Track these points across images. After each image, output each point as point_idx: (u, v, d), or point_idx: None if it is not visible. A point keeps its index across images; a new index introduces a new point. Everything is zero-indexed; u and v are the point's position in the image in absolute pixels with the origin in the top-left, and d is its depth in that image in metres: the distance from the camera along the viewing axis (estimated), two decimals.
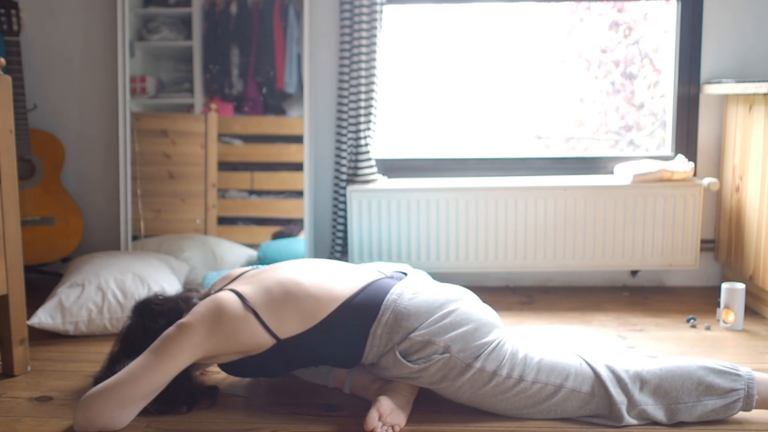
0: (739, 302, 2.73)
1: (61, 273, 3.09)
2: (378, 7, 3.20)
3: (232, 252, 3.31)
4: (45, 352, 2.52)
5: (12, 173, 2.23)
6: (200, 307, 1.94)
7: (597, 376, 1.92)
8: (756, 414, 1.96)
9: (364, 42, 3.21)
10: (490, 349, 1.94)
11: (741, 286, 2.75)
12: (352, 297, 2.00)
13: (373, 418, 1.88)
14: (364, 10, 3.18)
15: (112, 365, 1.97)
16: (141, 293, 2.70)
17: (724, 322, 2.74)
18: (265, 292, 1.98)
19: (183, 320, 1.91)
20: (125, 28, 3.28)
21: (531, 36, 3.60)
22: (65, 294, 2.67)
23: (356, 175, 3.28)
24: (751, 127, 2.96)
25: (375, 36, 3.21)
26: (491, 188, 3.19)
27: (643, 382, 1.92)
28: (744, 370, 1.94)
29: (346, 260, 3.31)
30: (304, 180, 3.29)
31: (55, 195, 3.29)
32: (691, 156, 3.35)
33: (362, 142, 3.26)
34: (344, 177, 3.29)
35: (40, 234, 3.22)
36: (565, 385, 1.93)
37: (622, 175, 3.26)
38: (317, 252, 3.42)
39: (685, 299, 3.14)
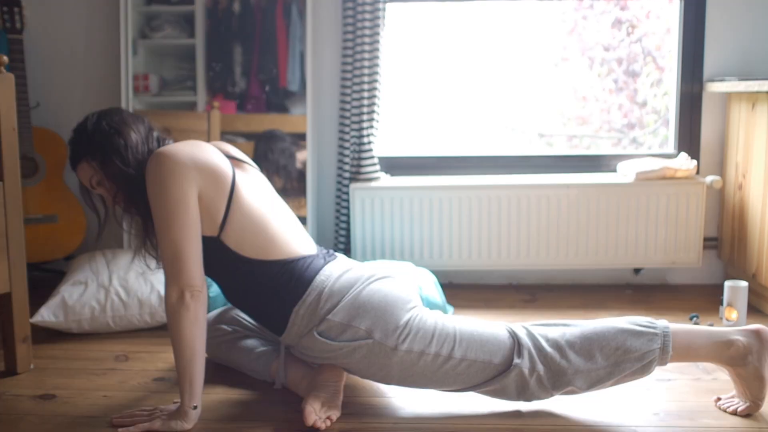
0: (742, 300, 2.73)
1: (64, 271, 3.09)
2: (381, 5, 3.20)
3: None
4: (48, 350, 2.52)
5: (15, 171, 2.23)
6: (193, 142, 1.99)
7: (521, 347, 1.91)
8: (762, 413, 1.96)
9: (366, 40, 3.20)
10: (413, 329, 1.93)
11: (744, 283, 2.75)
12: (295, 260, 2.01)
13: (309, 413, 1.90)
14: (367, 8, 3.18)
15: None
16: (143, 291, 2.70)
17: (727, 320, 2.74)
18: (251, 192, 2.02)
19: (168, 147, 1.95)
20: (128, 26, 3.28)
21: (533, 34, 3.60)
22: (68, 292, 2.67)
23: (359, 173, 3.28)
24: (754, 125, 2.96)
25: (378, 34, 3.21)
26: (494, 186, 3.19)
27: (563, 350, 1.91)
28: (661, 325, 1.93)
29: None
30: (307, 178, 3.29)
31: (58, 193, 3.29)
32: (694, 154, 3.34)
33: (365, 140, 3.25)
34: (347, 175, 3.28)
35: (43, 232, 3.22)
36: (494, 361, 1.91)
37: (625, 173, 3.26)
38: None
39: (688, 297, 3.14)
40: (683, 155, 3.24)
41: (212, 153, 1.99)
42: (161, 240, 1.89)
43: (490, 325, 1.99)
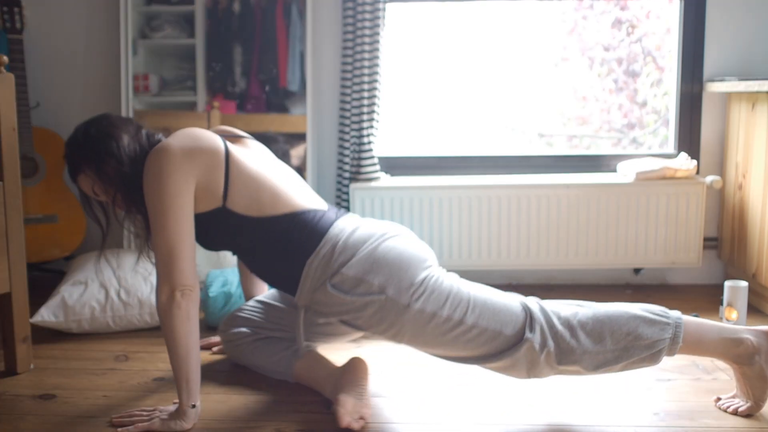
0: (742, 300, 2.72)
1: (64, 271, 3.09)
2: (381, 5, 3.20)
3: None
4: (48, 350, 2.52)
5: (15, 171, 2.23)
6: (183, 132, 2.01)
7: (533, 322, 1.91)
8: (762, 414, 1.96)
9: (366, 40, 3.20)
10: (428, 288, 1.93)
11: (744, 283, 2.75)
12: (303, 213, 2.03)
13: (342, 414, 1.89)
14: (367, 8, 3.18)
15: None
16: (144, 291, 2.70)
17: (727, 320, 2.74)
18: (244, 158, 2.03)
19: (163, 143, 1.97)
20: (128, 26, 3.28)
21: (533, 34, 3.60)
22: (68, 292, 2.67)
23: (359, 173, 3.28)
24: (754, 125, 2.96)
25: (378, 34, 3.21)
26: (494, 186, 3.19)
27: (574, 329, 1.90)
28: (674, 316, 1.93)
29: None
30: (307, 178, 3.29)
31: (58, 193, 3.29)
32: (694, 154, 3.34)
33: (365, 140, 3.25)
34: (347, 175, 3.28)
35: (43, 232, 3.22)
36: (504, 332, 1.91)
37: (624, 173, 3.26)
38: None
39: (688, 297, 3.14)
40: (683, 155, 3.24)
41: (202, 135, 2.01)
42: (155, 238, 1.90)
43: (504, 296, 1.98)
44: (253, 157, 2.10)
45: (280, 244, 2.01)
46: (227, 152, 2.00)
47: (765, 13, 3.23)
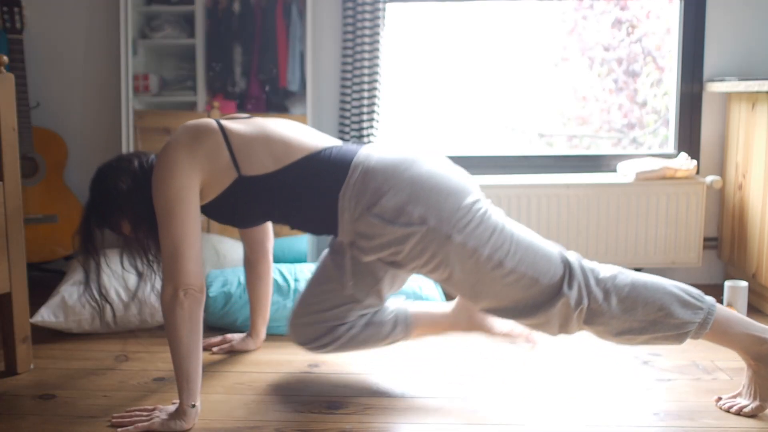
0: (742, 300, 2.72)
1: (64, 271, 3.09)
2: (381, 5, 3.20)
3: (235, 250, 3.31)
4: (48, 350, 2.52)
5: (15, 171, 2.23)
6: (179, 129, 2.01)
7: (572, 278, 1.89)
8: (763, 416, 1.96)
9: (366, 40, 3.20)
10: (471, 221, 1.88)
11: (744, 284, 2.75)
12: (320, 151, 2.00)
13: (501, 329, 2.01)
14: (367, 8, 3.18)
15: (87, 250, 2.07)
16: (144, 291, 2.70)
17: None
18: (241, 126, 2.03)
19: (165, 144, 1.98)
20: (128, 26, 3.28)
21: (533, 34, 3.60)
22: (68, 292, 2.67)
23: None
24: (754, 125, 2.96)
25: (378, 34, 3.21)
26: (494, 186, 3.19)
27: (609, 293, 1.89)
28: (708, 302, 1.93)
29: None
30: None
31: (58, 193, 3.29)
32: (694, 154, 3.34)
33: (365, 140, 3.25)
34: None
35: (43, 232, 3.22)
36: (541, 282, 1.89)
37: (624, 173, 3.26)
38: (320, 251, 3.42)
39: None
40: (683, 155, 3.24)
41: (196, 124, 2.02)
42: (161, 237, 1.91)
43: (546, 245, 1.95)
44: (251, 122, 2.07)
45: (308, 188, 1.97)
46: (222, 127, 2.00)
47: (765, 13, 3.23)
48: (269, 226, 2.43)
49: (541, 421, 1.95)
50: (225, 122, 2.03)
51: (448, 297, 2.98)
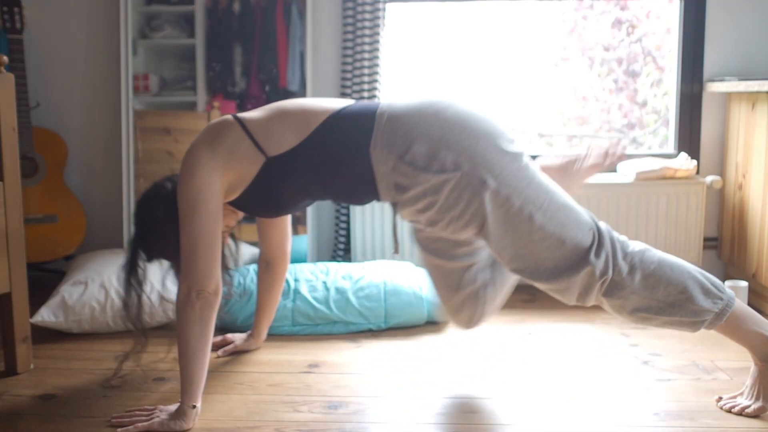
0: (742, 300, 2.72)
1: (64, 271, 3.09)
2: (381, 5, 3.20)
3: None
4: (48, 350, 2.52)
5: (15, 171, 2.23)
6: (201, 131, 2.00)
7: (600, 248, 1.87)
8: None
9: (366, 40, 3.20)
10: (505, 168, 1.82)
11: (744, 284, 2.75)
12: (339, 110, 1.95)
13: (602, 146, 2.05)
14: (367, 8, 3.18)
15: (130, 284, 2.06)
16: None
17: None
18: (257, 113, 2.01)
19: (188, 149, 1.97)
20: (128, 26, 3.28)
21: (533, 34, 3.60)
22: (68, 292, 2.67)
23: None
24: (754, 125, 2.96)
25: (378, 34, 3.21)
26: None
27: (634, 268, 1.88)
28: (728, 294, 1.92)
29: (349, 260, 3.31)
30: None
31: (58, 193, 3.29)
32: (694, 154, 3.34)
33: None
34: None
35: (43, 232, 3.22)
36: (567, 245, 1.86)
37: (624, 173, 3.26)
38: (320, 251, 3.42)
39: None
40: (683, 155, 3.24)
41: (214, 123, 2.01)
42: (180, 237, 1.91)
43: (579, 209, 1.91)
44: (266, 107, 2.04)
45: (337, 149, 1.91)
46: (239, 119, 1.98)
47: (765, 13, 3.23)
48: (288, 227, 2.40)
49: (541, 421, 1.95)
50: (242, 114, 2.02)
51: None
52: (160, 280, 2.75)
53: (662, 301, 1.89)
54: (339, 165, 1.92)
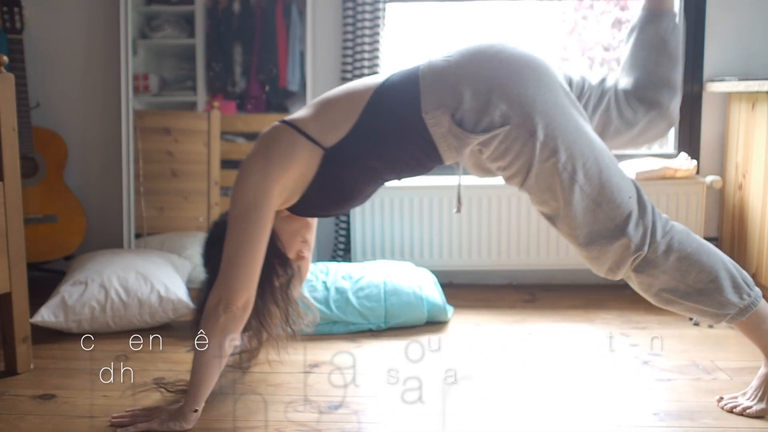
0: None
1: (64, 271, 3.09)
2: (381, 5, 3.20)
3: None
4: (48, 350, 2.52)
5: (15, 171, 2.23)
6: (252, 147, 1.96)
7: (640, 221, 1.83)
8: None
9: (366, 40, 3.20)
10: (553, 120, 1.77)
11: None
12: (383, 83, 1.89)
13: None
14: (367, 8, 3.18)
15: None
16: (143, 291, 2.70)
17: None
18: (303, 111, 1.98)
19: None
20: (128, 26, 3.28)
21: (533, 34, 3.60)
22: (68, 292, 2.67)
23: None
24: (754, 125, 2.96)
25: (378, 34, 3.21)
26: (494, 186, 3.19)
27: (671, 249, 1.86)
28: (756, 292, 1.91)
29: (349, 260, 3.31)
30: None
31: (58, 193, 3.29)
32: (694, 154, 3.34)
33: None
34: None
35: (43, 232, 3.22)
36: (604, 210, 1.82)
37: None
38: (320, 251, 3.42)
39: None
40: (683, 155, 3.24)
41: (266, 133, 1.96)
42: (224, 246, 1.89)
43: (624, 176, 1.86)
44: (310, 103, 2.01)
45: (390, 124, 1.87)
46: (285, 121, 1.94)
47: (765, 13, 3.23)
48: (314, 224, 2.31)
49: (542, 421, 1.95)
50: (289, 116, 1.98)
51: (448, 297, 2.99)
52: (161, 281, 2.76)
53: (691, 287, 1.88)
54: (396, 137, 1.88)
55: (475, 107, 1.78)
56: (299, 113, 1.98)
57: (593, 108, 2.04)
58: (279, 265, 2.05)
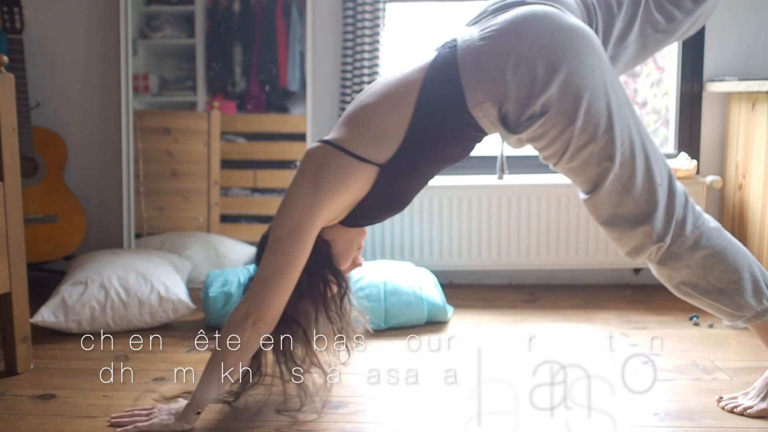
0: None
1: (64, 271, 3.09)
2: (381, 5, 3.20)
3: (235, 250, 3.31)
4: (48, 350, 2.52)
5: (15, 171, 2.23)
6: (299, 168, 1.91)
7: (669, 211, 1.81)
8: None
9: (366, 40, 3.20)
10: (595, 104, 1.73)
11: None
12: (424, 83, 1.83)
13: None
14: (367, 8, 3.18)
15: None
16: (143, 291, 2.70)
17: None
18: (346, 127, 1.89)
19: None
20: (128, 26, 3.28)
21: None
22: (68, 292, 2.67)
23: None
24: (754, 125, 2.96)
25: (378, 34, 3.21)
26: (494, 186, 3.19)
27: (698, 245, 1.84)
28: None
29: None
30: None
31: (58, 193, 3.29)
32: (694, 154, 3.34)
33: None
34: None
35: (43, 232, 3.22)
36: (633, 195, 1.80)
37: None
38: None
39: None
40: (683, 155, 3.24)
41: (314, 157, 1.89)
42: (262, 262, 1.87)
43: (659, 162, 1.83)
44: (343, 120, 1.93)
45: (441, 126, 1.82)
46: (330, 143, 1.88)
47: (765, 13, 3.23)
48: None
49: (542, 421, 1.95)
50: (331, 138, 1.91)
51: (448, 297, 2.99)
52: (161, 281, 2.76)
53: (712, 284, 1.88)
54: (451, 136, 1.85)
55: (520, 100, 1.74)
56: (341, 132, 1.90)
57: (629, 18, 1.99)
58: (332, 279, 2.02)
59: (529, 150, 1.93)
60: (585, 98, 1.72)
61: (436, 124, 1.82)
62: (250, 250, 3.31)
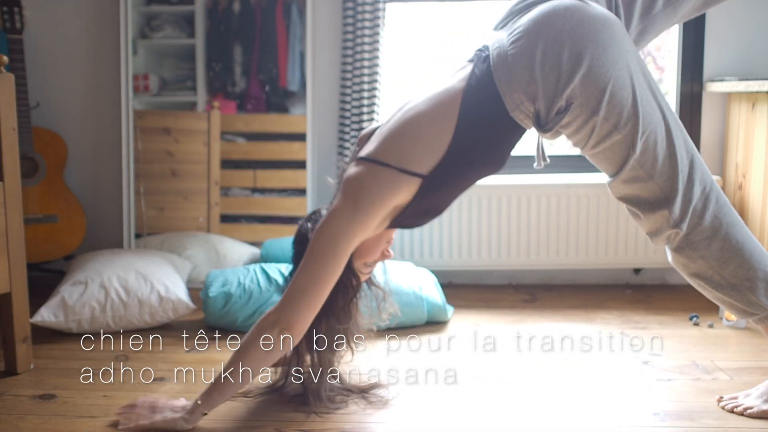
0: None
1: (64, 271, 3.09)
2: (381, 5, 3.20)
3: (235, 250, 3.31)
4: (48, 350, 2.52)
5: (15, 171, 2.23)
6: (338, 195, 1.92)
7: (687, 199, 1.83)
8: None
9: (366, 40, 3.20)
10: (618, 94, 1.76)
11: None
12: (465, 94, 1.86)
13: None
14: (367, 8, 3.18)
15: None
16: (143, 291, 2.70)
17: (727, 320, 2.74)
18: (387, 141, 1.91)
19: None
20: (128, 26, 3.28)
21: None
22: (68, 292, 2.67)
23: None
24: (754, 125, 2.96)
25: (378, 34, 3.21)
26: (494, 186, 3.19)
27: (716, 236, 1.85)
28: None
29: None
30: (307, 178, 3.29)
31: (58, 193, 3.29)
32: None
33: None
34: None
35: (43, 232, 3.22)
36: (654, 181, 1.82)
37: None
38: None
39: (687, 297, 3.14)
40: None
41: (357, 175, 1.90)
42: (298, 272, 1.88)
43: (682, 147, 1.84)
44: (391, 124, 1.96)
45: (485, 133, 1.86)
46: (371, 159, 1.89)
47: (765, 13, 3.23)
48: None
49: (542, 421, 1.95)
50: (368, 154, 1.91)
51: (448, 297, 2.98)
52: (161, 281, 2.76)
53: (725, 279, 1.88)
54: (496, 140, 1.90)
55: (548, 94, 1.78)
56: (380, 147, 1.91)
57: None
58: (351, 286, 2.04)
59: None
60: (608, 89, 1.75)
61: (479, 131, 1.86)
62: (250, 250, 3.31)
